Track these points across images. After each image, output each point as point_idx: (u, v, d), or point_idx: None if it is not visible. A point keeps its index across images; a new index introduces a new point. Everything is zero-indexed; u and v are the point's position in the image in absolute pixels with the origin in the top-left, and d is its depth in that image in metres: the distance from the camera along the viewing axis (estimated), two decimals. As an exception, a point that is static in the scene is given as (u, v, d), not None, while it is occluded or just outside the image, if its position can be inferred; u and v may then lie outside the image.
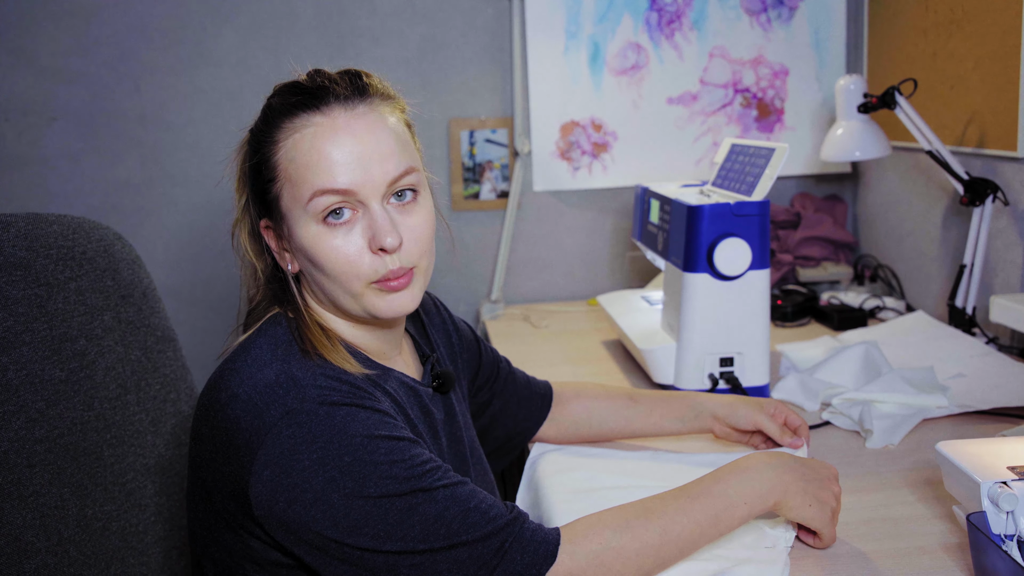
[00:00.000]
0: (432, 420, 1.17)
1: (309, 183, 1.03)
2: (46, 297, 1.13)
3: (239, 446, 0.98)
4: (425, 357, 1.24)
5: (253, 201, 1.11)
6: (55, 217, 1.19)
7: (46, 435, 1.10)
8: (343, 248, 1.04)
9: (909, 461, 1.37)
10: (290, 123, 1.05)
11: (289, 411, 0.97)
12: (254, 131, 1.10)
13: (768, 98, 2.46)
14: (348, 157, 1.03)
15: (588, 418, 1.46)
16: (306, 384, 1.00)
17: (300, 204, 1.04)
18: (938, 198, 2.11)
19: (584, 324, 2.26)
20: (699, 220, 1.58)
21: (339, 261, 1.05)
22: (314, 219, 1.04)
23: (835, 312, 2.10)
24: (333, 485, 0.95)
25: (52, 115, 2.29)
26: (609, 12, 2.38)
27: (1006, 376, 1.64)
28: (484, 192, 2.44)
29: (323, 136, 1.04)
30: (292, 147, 1.05)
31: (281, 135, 1.06)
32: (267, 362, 1.03)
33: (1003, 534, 1.00)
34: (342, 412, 0.98)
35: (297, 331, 1.07)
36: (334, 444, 0.96)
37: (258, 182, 1.08)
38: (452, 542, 0.96)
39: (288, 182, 1.05)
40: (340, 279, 1.06)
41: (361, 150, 1.04)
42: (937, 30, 2.04)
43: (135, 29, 2.28)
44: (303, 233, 1.05)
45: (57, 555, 1.09)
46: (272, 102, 1.09)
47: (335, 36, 2.33)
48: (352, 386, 1.02)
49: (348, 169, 1.03)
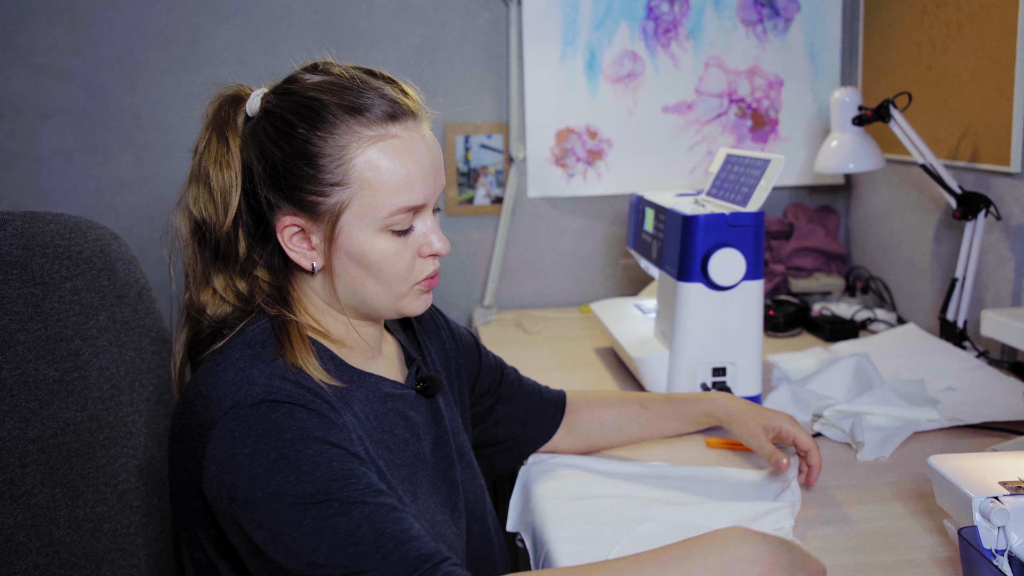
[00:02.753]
0: (411, 423, 1.15)
1: (395, 198, 1.04)
2: (41, 296, 1.13)
3: (195, 441, 0.98)
4: (411, 360, 1.23)
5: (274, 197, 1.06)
6: (52, 216, 1.19)
7: (39, 435, 1.09)
8: (403, 255, 1.08)
9: (900, 474, 1.38)
10: (366, 129, 1.04)
11: (235, 405, 0.97)
12: (295, 124, 1.04)
13: (763, 108, 2.47)
14: (425, 174, 1.07)
15: (601, 428, 1.45)
16: (258, 382, 0.99)
17: (376, 214, 1.04)
18: (930, 211, 2.12)
19: (576, 331, 2.26)
20: (694, 230, 1.58)
21: (398, 267, 1.08)
22: (382, 228, 1.05)
23: (827, 323, 2.11)
24: (258, 483, 0.94)
25: (46, 113, 2.28)
26: (606, 20, 2.39)
27: (996, 390, 1.65)
28: (478, 197, 2.44)
29: (407, 150, 1.05)
30: (376, 156, 1.04)
31: (354, 140, 1.03)
32: (233, 362, 1.02)
33: (994, 549, 1.01)
34: (282, 410, 0.97)
35: (276, 332, 1.06)
36: (265, 440, 0.95)
37: (306, 182, 1.04)
38: (358, 568, 0.91)
39: (366, 191, 1.04)
40: (392, 283, 1.09)
41: (432, 165, 1.08)
42: (932, 44, 2.05)
43: (131, 28, 2.28)
44: (365, 239, 1.05)
45: (48, 556, 1.09)
46: (326, 100, 1.04)
47: (333, 38, 2.33)
48: (305, 389, 1.00)
49: (424, 186, 1.07)
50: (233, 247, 1.09)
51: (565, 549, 1.18)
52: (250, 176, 1.07)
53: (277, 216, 1.07)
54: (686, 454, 1.47)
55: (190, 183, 1.11)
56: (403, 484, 1.10)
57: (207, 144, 1.09)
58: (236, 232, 1.09)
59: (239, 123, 1.09)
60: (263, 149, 1.06)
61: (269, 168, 1.05)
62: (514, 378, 1.42)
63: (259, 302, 1.09)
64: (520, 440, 1.42)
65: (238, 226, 1.08)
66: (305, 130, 1.03)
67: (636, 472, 1.39)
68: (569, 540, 1.20)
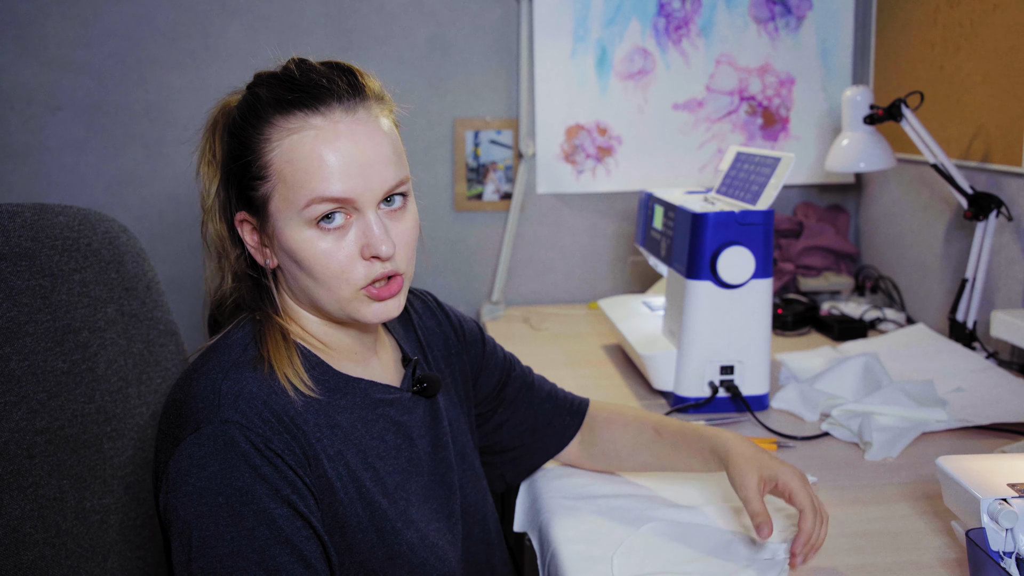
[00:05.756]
0: (404, 428, 1.14)
1: (307, 189, 1.00)
2: (50, 288, 1.13)
3: (163, 450, 1.00)
4: (407, 361, 1.20)
5: (231, 194, 1.07)
6: (61, 208, 1.19)
7: (47, 426, 1.10)
8: (335, 254, 1.02)
9: (908, 474, 1.37)
10: (285, 121, 1.01)
11: (197, 429, 0.97)
12: (237, 121, 1.05)
13: (774, 106, 2.46)
14: (348, 165, 1.01)
15: (615, 449, 1.36)
16: (225, 403, 0.98)
17: (294, 207, 1.01)
18: (941, 211, 2.11)
19: (584, 328, 2.26)
20: (703, 228, 1.58)
21: (331, 267, 1.02)
22: (306, 223, 1.01)
23: (835, 322, 2.10)
24: (199, 521, 0.94)
25: (56, 105, 2.29)
26: (617, 16, 2.38)
27: (1005, 391, 1.64)
28: (487, 193, 2.44)
29: (324, 141, 1.00)
30: (289, 149, 1.01)
31: (275, 133, 1.02)
32: (208, 371, 1.02)
33: (1002, 551, 1.00)
34: (240, 449, 0.96)
35: (257, 337, 1.05)
36: (217, 479, 0.95)
37: (243, 177, 1.04)
38: None
39: (282, 183, 1.01)
40: (330, 284, 1.03)
41: (361, 158, 1.01)
42: (945, 44, 2.04)
43: (142, 21, 2.28)
44: (292, 235, 1.02)
45: (55, 547, 1.09)
46: (260, 93, 1.04)
47: (342, 33, 2.33)
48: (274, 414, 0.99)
49: (348, 177, 1.00)
50: (221, 243, 1.10)
51: (571, 548, 1.18)
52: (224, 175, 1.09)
53: (236, 214, 1.08)
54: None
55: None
56: (395, 492, 1.09)
57: (201, 146, 1.12)
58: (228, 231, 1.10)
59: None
60: (223, 145, 1.08)
61: (224, 163, 1.07)
62: (525, 381, 1.37)
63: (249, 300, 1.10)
64: (529, 448, 1.37)
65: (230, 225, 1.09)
66: (241, 125, 1.04)
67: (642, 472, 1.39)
68: (575, 540, 1.20)
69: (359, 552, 1.04)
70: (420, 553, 1.08)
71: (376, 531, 1.05)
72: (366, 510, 1.05)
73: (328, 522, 1.02)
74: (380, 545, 1.05)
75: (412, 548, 1.07)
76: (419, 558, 1.08)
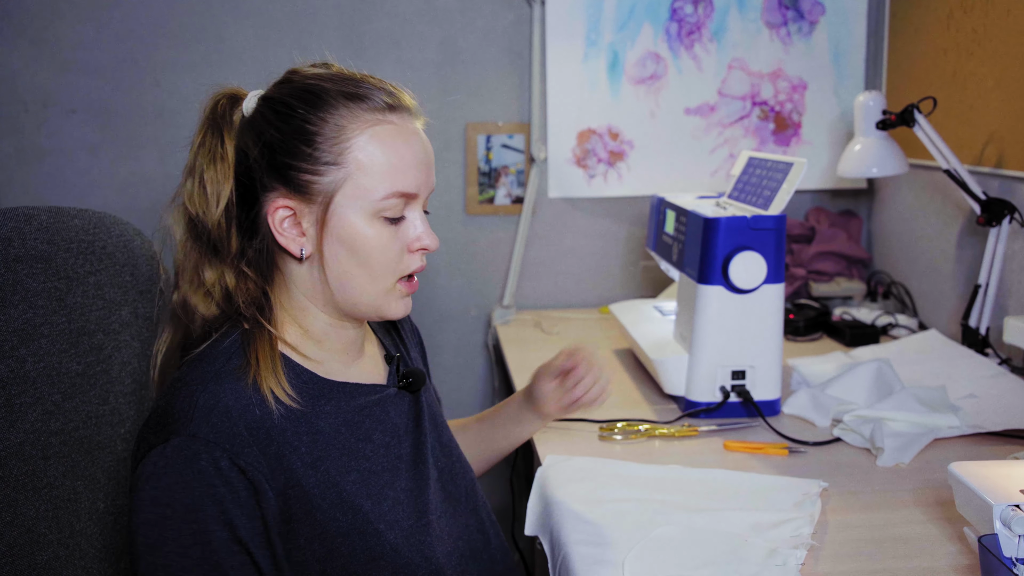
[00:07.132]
0: (390, 426, 1.15)
1: (389, 181, 1.05)
2: (66, 290, 1.14)
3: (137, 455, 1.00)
4: (391, 358, 1.23)
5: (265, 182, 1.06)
6: (77, 211, 1.20)
7: (61, 428, 1.10)
8: (392, 245, 1.08)
9: (920, 480, 1.37)
10: (364, 112, 1.06)
11: (166, 440, 0.97)
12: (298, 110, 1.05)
13: (786, 111, 2.46)
14: (420, 163, 1.08)
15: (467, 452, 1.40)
16: (197, 419, 0.98)
17: (370, 197, 1.05)
18: (954, 217, 2.11)
19: (595, 332, 2.26)
20: (715, 232, 1.58)
21: (387, 256, 1.08)
22: (374, 213, 1.06)
23: (847, 328, 2.10)
24: (149, 531, 0.95)
25: (71, 107, 2.30)
26: (629, 21, 2.38)
27: (1018, 398, 1.64)
28: (499, 197, 2.44)
29: (403, 137, 1.07)
30: (372, 138, 1.05)
31: (352, 123, 1.05)
32: (188, 382, 1.01)
33: (1014, 557, 1.00)
34: (201, 466, 0.96)
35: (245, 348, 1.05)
36: (173, 493, 0.96)
37: (298, 163, 1.04)
38: None
39: (361, 171, 1.05)
40: (381, 274, 1.08)
41: (427, 158, 1.10)
42: (958, 49, 2.04)
43: (156, 24, 2.29)
44: (358, 224, 1.06)
45: (69, 547, 1.10)
46: (326, 87, 1.06)
47: (355, 36, 2.34)
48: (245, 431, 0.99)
49: (419, 174, 1.08)
50: (225, 239, 1.08)
51: (582, 552, 1.18)
52: (244, 162, 1.07)
53: (269, 199, 1.07)
54: (705, 459, 1.46)
55: (185, 179, 1.10)
56: (382, 491, 1.10)
57: (202, 139, 1.10)
58: (228, 224, 1.08)
59: (235, 120, 1.10)
60: (260, 132, 1.07)
61: (265, 150, 1.06)
62: None
63: (239, 302, 1.08)
64: None
65: (230, 218, 1.08)
66: (304, 111, 1.05)
67: (654, 476, 1.39)
68: (586, 543, 1.20)
69: (340, 556, 1.04)
70: (404, 553, 1.08)
71: (358, 534, 1.06)
72: (346, 515, 1.05)
73: (306, 531, 1.03)
74: (362, 548, 1.05)
75: (396, 549, 1.08)
76: (403, 558, 1.08)
